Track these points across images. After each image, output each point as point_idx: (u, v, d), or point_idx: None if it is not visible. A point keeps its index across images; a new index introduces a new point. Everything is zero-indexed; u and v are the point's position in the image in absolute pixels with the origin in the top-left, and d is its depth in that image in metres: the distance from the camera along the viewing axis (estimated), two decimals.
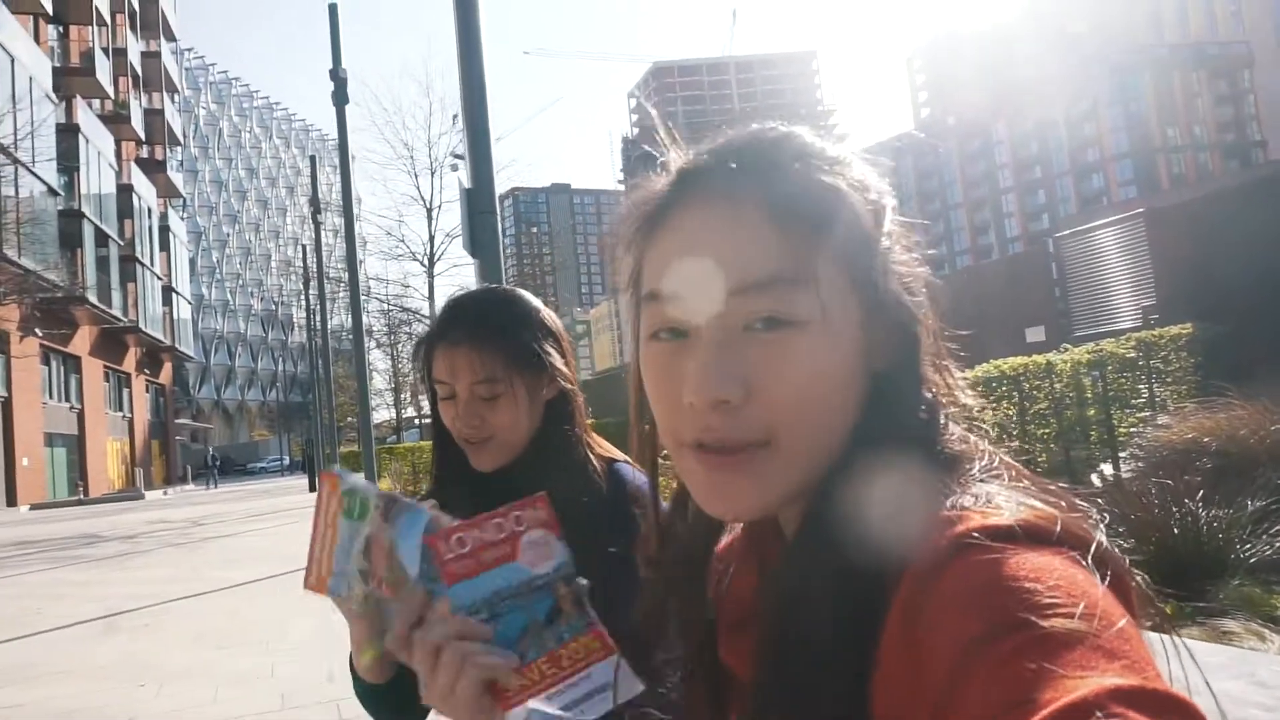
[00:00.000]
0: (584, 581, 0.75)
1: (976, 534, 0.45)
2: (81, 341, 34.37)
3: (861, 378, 0.56)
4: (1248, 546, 4.39)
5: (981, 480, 0.52)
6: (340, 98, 12.57)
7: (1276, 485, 4.78)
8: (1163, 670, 0.40)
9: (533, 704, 0.64)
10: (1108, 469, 6.79)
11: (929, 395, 0.58)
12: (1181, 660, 0.45)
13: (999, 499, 0.49)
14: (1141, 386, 7.52)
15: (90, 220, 33.57)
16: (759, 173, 0.56)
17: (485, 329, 1.24)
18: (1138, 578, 0.47)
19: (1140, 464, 6.08)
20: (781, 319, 0.53)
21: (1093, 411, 7.49)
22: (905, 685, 0.45)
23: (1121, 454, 6.78)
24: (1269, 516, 4.52)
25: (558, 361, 1.27)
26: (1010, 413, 7.04)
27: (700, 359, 0.54)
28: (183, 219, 59.44)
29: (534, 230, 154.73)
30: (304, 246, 25.96)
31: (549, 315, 1.32)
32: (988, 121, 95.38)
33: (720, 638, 0.65)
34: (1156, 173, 78.76)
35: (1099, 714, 0.34)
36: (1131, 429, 7.05)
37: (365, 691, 1.25)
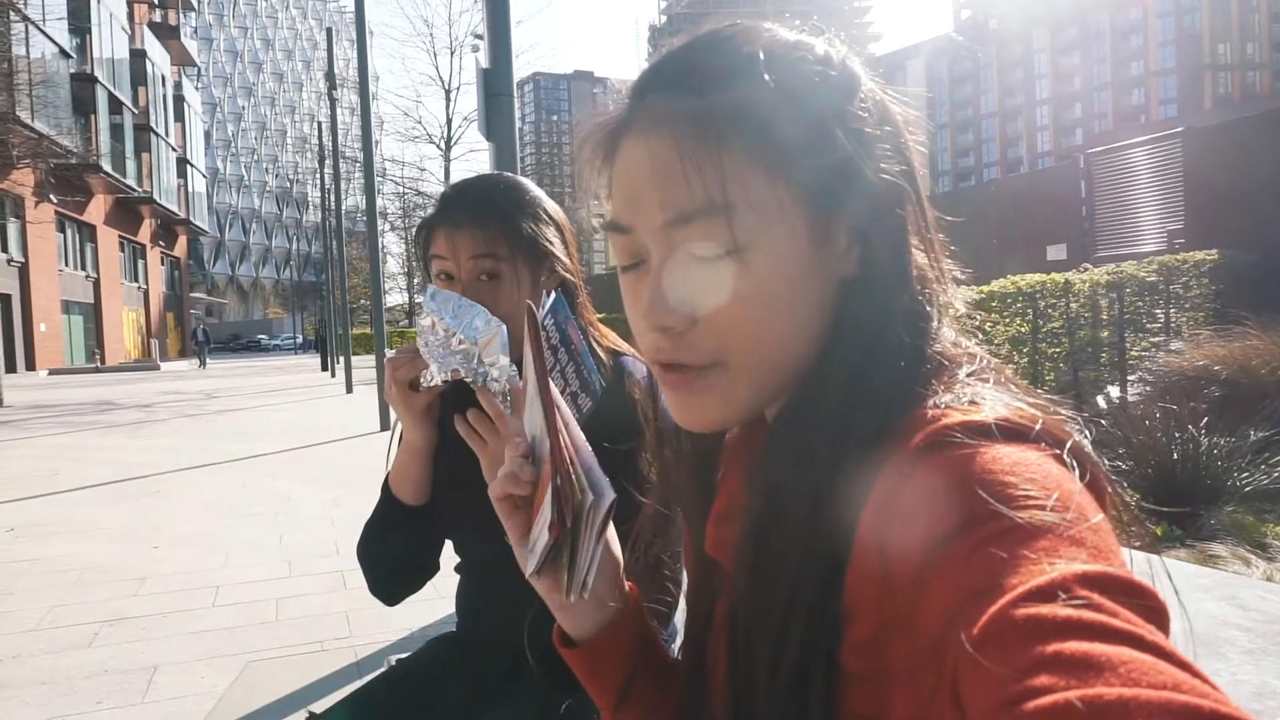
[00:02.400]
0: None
1: (954, 430, 0.46)
2: (96, 210, 34.27)
3: (822, 288, 0.55)
4: (1245, 475, 4.42)
5: (966, 382, 0.51)
6: None
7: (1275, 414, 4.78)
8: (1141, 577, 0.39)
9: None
10: (1114, 391, 6.79)
11: (918, 295, 0.56)
12: (1157, 580, 0.45)
13: (981, 398, 0.49)
14: (1159, 311, 7.43)
15: (104, 85, 32.96)
16: (686, 93, 0.54)
17: (487, 209, 1.22)
18: (1113, 480, 0.47)
19: (1148, 388, 6.07)
20: (717, 249, 0.53)
21: (1106, 333, 7.43)
22: (877, 577, 0.45)
23: (1130, 378, 6.76)
24: (1270, 446, 4.54)
25: (559, 250, 1.25)
26: (1024, 329, 6.99)
27: (648, 287, 0.55)
28: (197, 89, 58.32)
29: (554, 118, 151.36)
30: (320, 124, 25.45)
31: (552, 205, 1.29)
32: (1030, 27, 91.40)
33: (710, 529, 0.66)
34: (1201, 92, 75.83)
35: (1063, 595, 0.35)
36: (1143, 353, 7.01)
37: (390, 523, 1.28)
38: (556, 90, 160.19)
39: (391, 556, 1.31)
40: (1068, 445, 0.45)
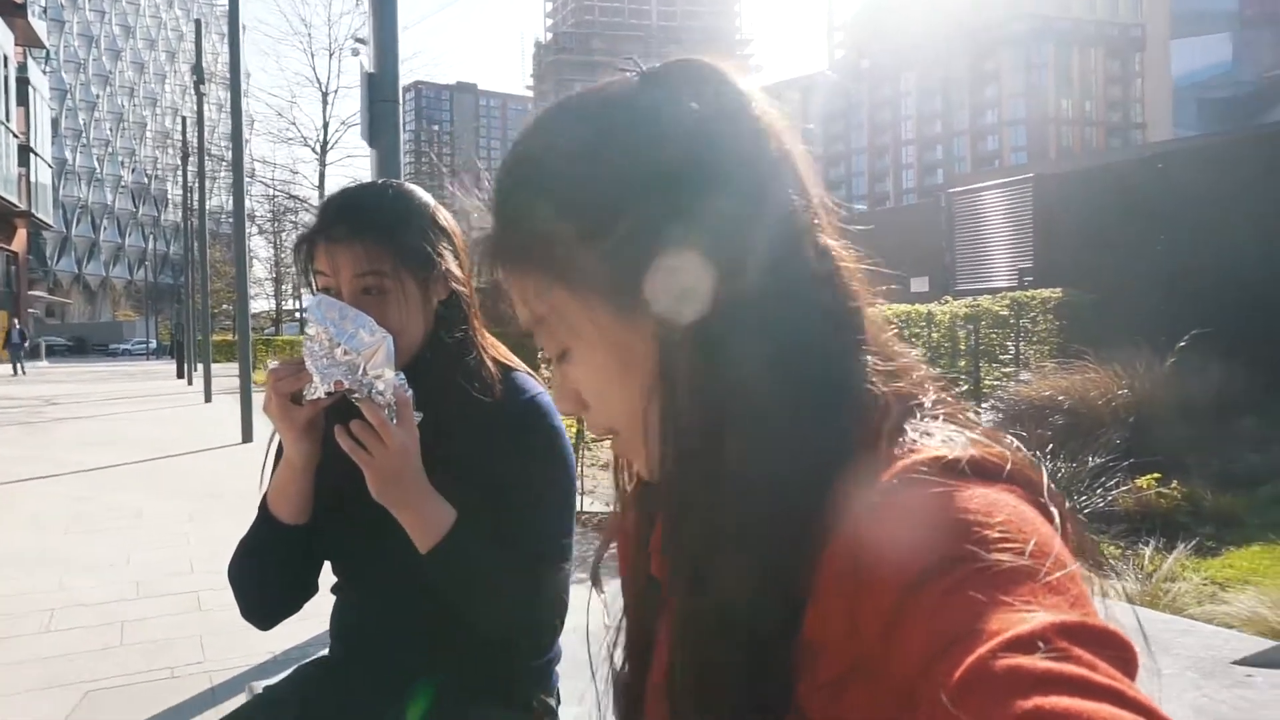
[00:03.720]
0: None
1: (924, 466, 0.45)
2: None
3: (652, 349, 0.56)
4: (1084, 499, 4.77)
5: (927, 418, 0.51)
6: None
7: (1116, 444, 5.19)
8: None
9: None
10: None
11: (800, 321, 0.53)
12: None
13: (945, 435, 0.49)
14: (1010, 343, 7.95)
15: None
16: (498, 236, 0.61)
17: (371, 223, 1.17)
18: (1081, 523, 0.47)
19: (1000, 415, 6.47)
20: (561, 349, 0.60)
21: (964, 363, 7.89)
22: (842, 617, 0.45)
23: (984, 405, 7.20)
24: (1105, 472, 4.91)
25: (450, 261, 1.22)
26: None
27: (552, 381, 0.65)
28: (45, 73, 54.16)
29: (435, 128, 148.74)
30: (184, 118, 24.08)
31: (443, 213, 1.25)
32: (899, 70, 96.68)
33: (654, 553, 0.66)
34: (1046, 142, 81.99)
35: (1042, 645, 0.35)
36: (996, 382, 7.48)
37: (267, 543, 1.21)
38: (438, 100, 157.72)
39: (268, 578, 1.24)
40: (1044, 488, 0.46)
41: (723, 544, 0.51)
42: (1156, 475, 4.90)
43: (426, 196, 1.27)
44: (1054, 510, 0.45)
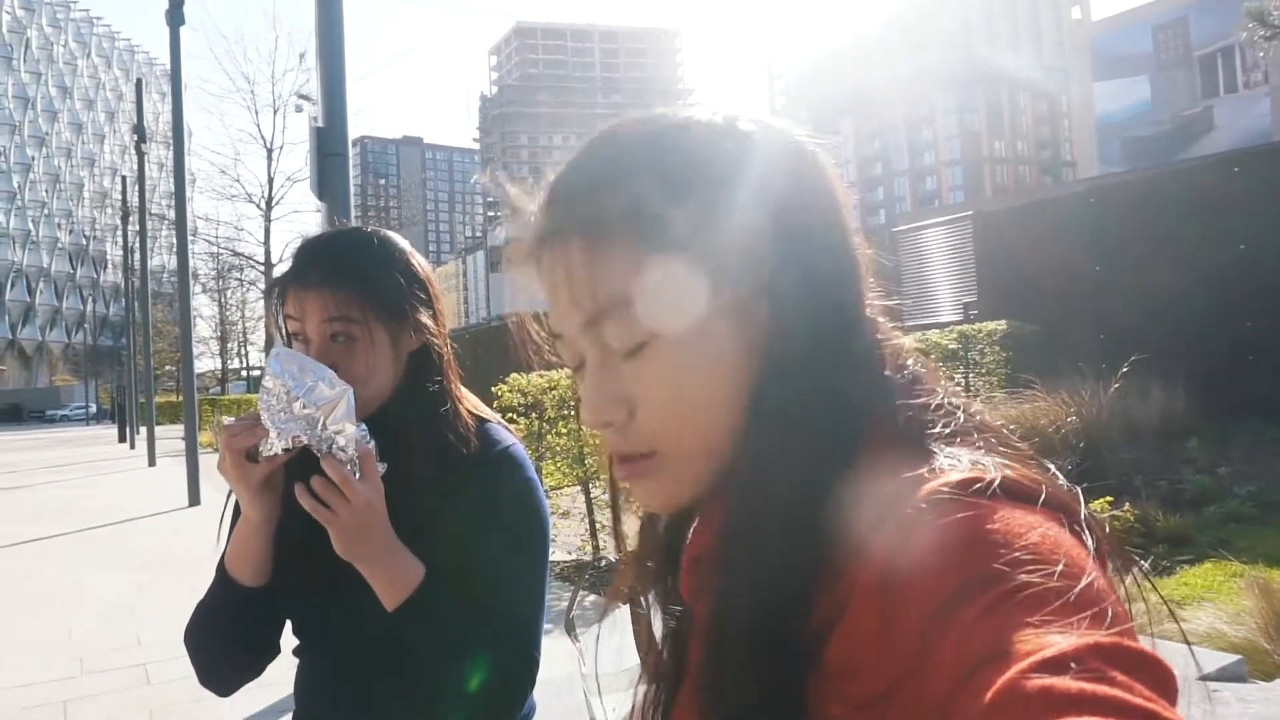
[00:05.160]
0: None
1: (959, 488, 0.45)
2: None
3: (746, 361, 0.55)
4: None
5: (953, 442, 0.51)
6: (176, 18, 11.52)
7: (1067, 470, 5.24)
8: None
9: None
10: None
11: (849, 348, 0.55)
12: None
13: (976, 457, 0.49)
14: (959, 375, 8.10)
15: None
16: (582, 196, 0.56)
17: (342, 270, 1.15)
18: (1120, 547, 0.47)
19: None
20: (632, 344, 0.55)
21: None
22: (875, 636, 0.44)
23: None
24: None
25: (423, 310, 1.20)
26: None
27: (585, 387, 0.57)
28: None
29: (382, 182, 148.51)
30: (124, 178, 23.71)
31: (418, 260, 1.24)
32: (838, 117, 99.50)
33: (684, 575, 0.64)
34: (982, 181, 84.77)
35: (1076, 666, 0.34)
36: None
37: (226, 607, 1.16)
38: (385, 154, 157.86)
39: (227, 641, 1.19)
40: (1080, 512, 0.45)
41: (768, 558, 0.51)
42: (1109, 499, 5.00)
43: (403, 243, 1.25)
44: (1091, 535, 0.45)
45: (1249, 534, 4.89)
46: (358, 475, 1.06)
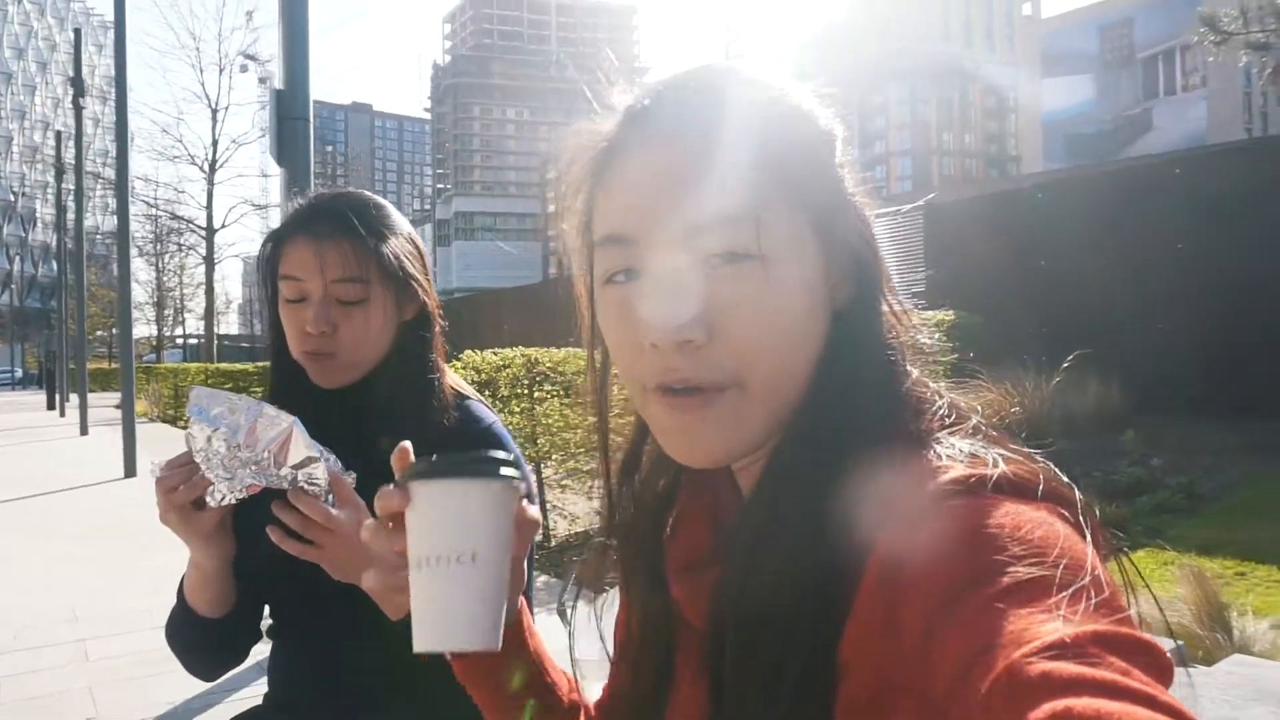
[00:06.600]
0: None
1: (962, 482, 0.46)
2: None
3: (824, 317, 0.56)
4: None
5: (954, 432, 0.52)
6: None
7: None
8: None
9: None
10: None
11: (891, 337, 0.58)
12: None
13: (978, 452, 0.50)
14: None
15: None
16: (707, 109, 0.54)
17: (357, 226, 1.11)
18: (1115, 538, 0.49)
19: None
20: (740, 254, 0.52)
21: None
22: (880, 631, 0.45)
23: None
24: None
25: (424, 281, 1.18)
26: None
27: (661, 299, 0.52)
28: None
29: (329, 149, 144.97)
30: (57, 132, 22.76)
31: (414, 231, 1.22)
32: None
33: (674, 586, 0.63)
34: (930, 172, 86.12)
35: (1075, 652, 0.36)
36: None
37: (192, 627, 1.13)
38: (333, 120, 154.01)
39: (203, 649, 1.18)
40: (1078, 505, 0.47)
41: (782, 547, 0.51)
42: None
43: (399, 213, 1.22)
44: (1088, 527, 0.46)
45: (1179, 524, 5.09)
46: (332, 503, 0.99)
